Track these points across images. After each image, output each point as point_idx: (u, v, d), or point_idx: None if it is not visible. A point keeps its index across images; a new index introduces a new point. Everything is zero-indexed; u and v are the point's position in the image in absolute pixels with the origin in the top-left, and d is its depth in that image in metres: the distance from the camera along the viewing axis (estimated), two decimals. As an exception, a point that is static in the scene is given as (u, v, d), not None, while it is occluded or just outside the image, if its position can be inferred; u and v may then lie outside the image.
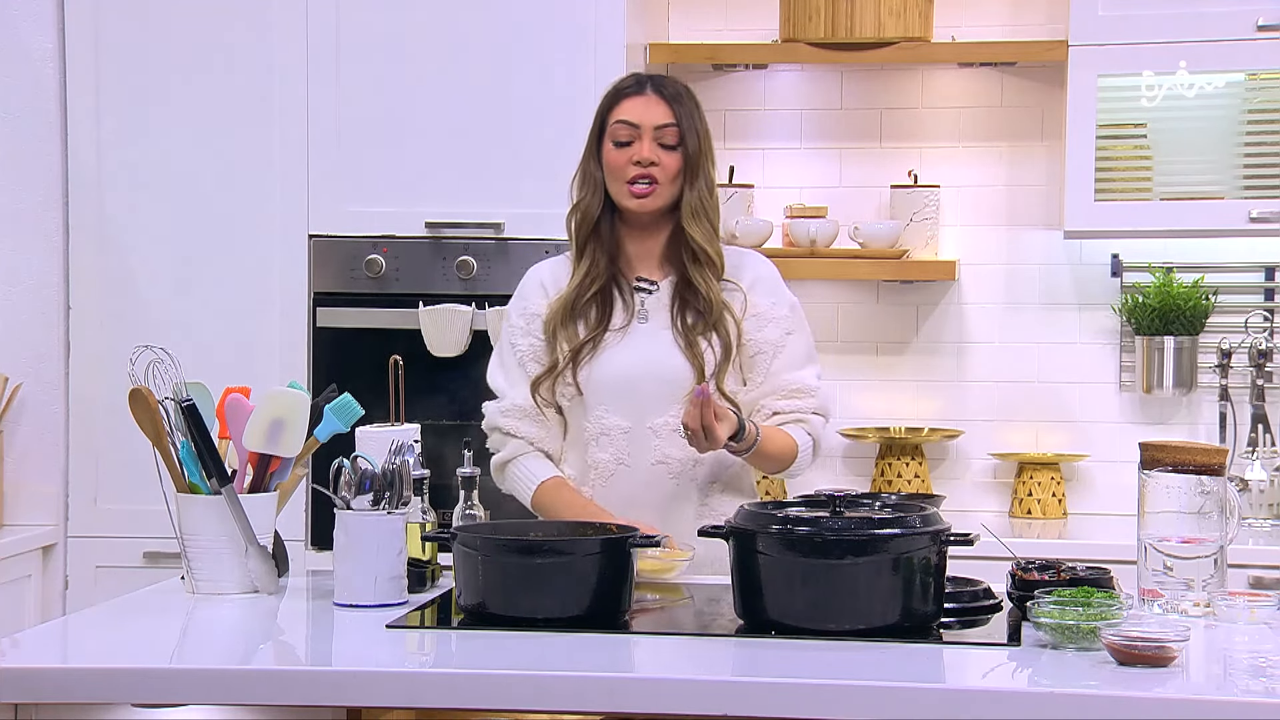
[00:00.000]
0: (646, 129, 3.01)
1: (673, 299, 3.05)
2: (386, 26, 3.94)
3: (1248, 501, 3.97)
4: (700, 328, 3.01)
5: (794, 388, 3.06)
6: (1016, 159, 4.24)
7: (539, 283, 3.10)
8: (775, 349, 3.05)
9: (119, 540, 3.97)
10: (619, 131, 3.02)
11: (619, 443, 3.00)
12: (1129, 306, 4.12)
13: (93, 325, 4.02)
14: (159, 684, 2.30)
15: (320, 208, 3.97)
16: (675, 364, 3.00)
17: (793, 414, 3.05)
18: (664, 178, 3.00)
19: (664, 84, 3.05)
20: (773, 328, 3.06)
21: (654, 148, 3.00)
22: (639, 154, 3.00)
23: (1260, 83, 3.96)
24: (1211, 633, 2.48)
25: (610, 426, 3.00)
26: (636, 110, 3.02)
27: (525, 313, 3.07)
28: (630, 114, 3.02)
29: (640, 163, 2.99)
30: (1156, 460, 2.62)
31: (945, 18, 4.15)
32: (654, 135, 3.00)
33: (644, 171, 2.99)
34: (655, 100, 3.02)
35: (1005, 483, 4.22)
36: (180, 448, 2.74)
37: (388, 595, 2.63)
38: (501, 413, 3.05)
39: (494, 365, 3.12)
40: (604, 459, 3.00)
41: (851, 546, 2.42)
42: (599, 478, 3.01)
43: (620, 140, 3.02)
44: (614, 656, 2.40)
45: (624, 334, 3.03)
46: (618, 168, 3.01)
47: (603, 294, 3.03)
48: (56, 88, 4.01)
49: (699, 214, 3.02)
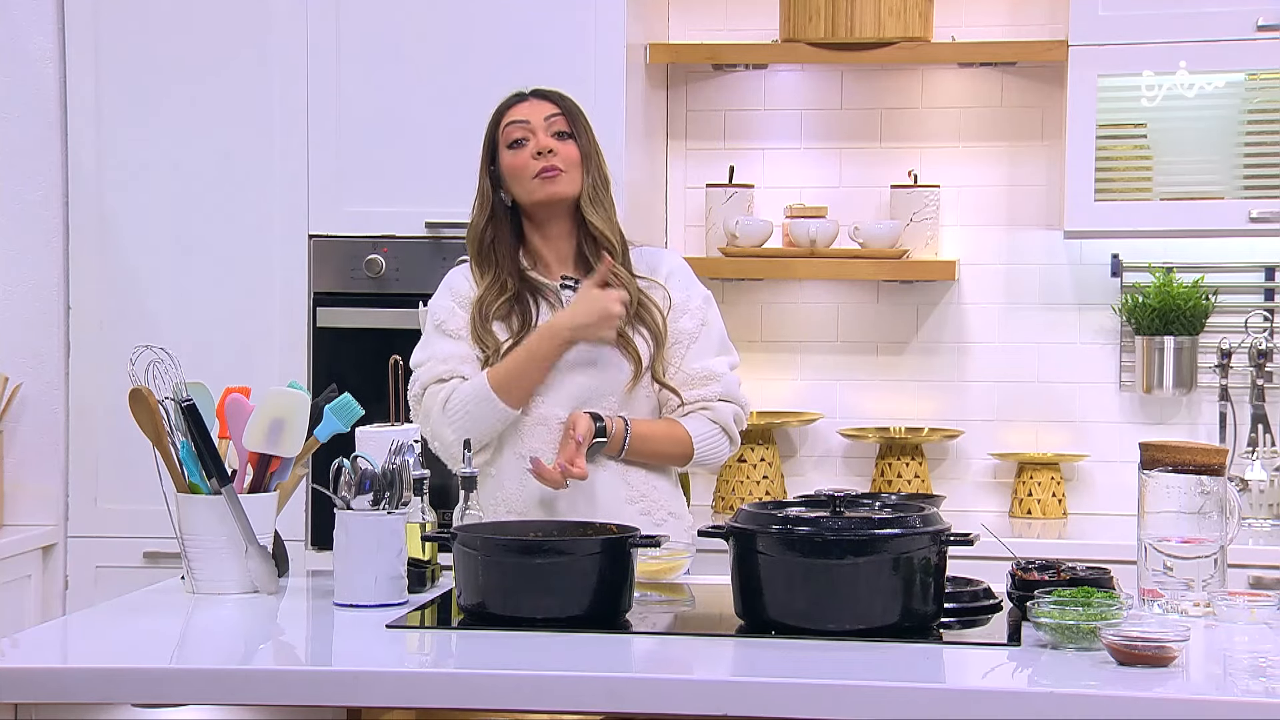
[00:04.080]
0: (537, 122, 3.10)
1: None
2: (386, 26, 3.94)
3: (1248, 501, 3.97)
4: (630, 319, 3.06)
5: (701, 375, 3.10)
6: (1016, 159, 4.24)
7: (463, 275, 3.14)
8: (690, 339, 3.11)
9: (119, 540, 3.97)
10: (512, 132, 3.10)
11: (556, 432, 3.03)
12: (1129, 306, 4.12)
13: (93, 325, 4.02)
14: (159, 684, 2.30)
15: (320, 208, 3.97)
16: (606, 353, 3.05)
17: (697, 403, 3.10)
18: (566, 164, 3.08)
19: (544, 90, 3.17)
20: (687, 319, 3.12)
21: (549, 138, 3.09)
22: (538, 145, 3.08)
23: (1260, 83, 3.96)
24: (1211, 633, 2.48)
25: (548, 416, 3.03)
26: (524, 111, 3.12)
27: (457, 297, 3.10)
28: (518, 114, 3.12)
29: (541, 153, 3.07)
30: (1156, 460, 2.62)
31: (945, 18, 4.15)
32: (545, 127, 3.09)
33: (547, 162, 3.07)
34: (538, 101, 3.14)
35: (1005, 483, 4.22)
36: (180, 448, 2.74)
37: (388, 595, 2.63)
38: (442, 361, 3.05)
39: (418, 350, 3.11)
40: (539, 448, 3.02)
41: (851, 546, 2.42)
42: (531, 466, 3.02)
43: (515, 140, 3.10)
44: (614, 656, 2.40)
45: None
46: (519, 166, 3.09)
47: (518, 300, 3.08)
48: (56, 88, 4.01)
49: (596, 203, 3.11)
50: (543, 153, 3.07)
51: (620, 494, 3.05)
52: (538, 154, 3.07)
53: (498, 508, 3.03)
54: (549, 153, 3.06)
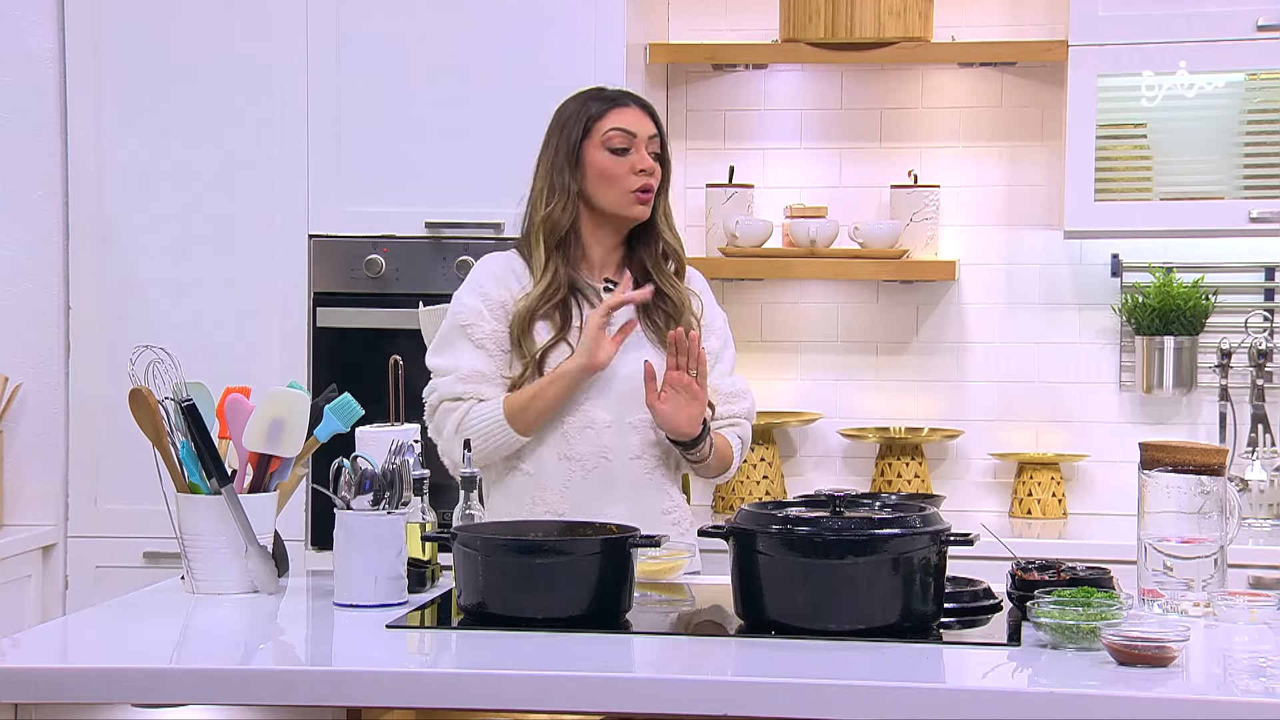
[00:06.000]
0: (642, 138, 3.08)
1: None
2: (386, 27, 3.94)
3: (1248, 501, 3.97)
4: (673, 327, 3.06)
5: (728, 391, 3.13)
6: (1016, 159, 4.24)
7: (496, 275, 3.10)
8: (715, 357, 3.14)
9: (119, 540, 3.97)
10: (615, 139, 3.06)
11: (604, 435, 3.02)
12: (1129, 306, 4.12)
13: (93, 325, 4.02)
14: (159, 684, 2.30)
15: (320, 208, 3.97)
16: (654, 361, 3.03)
17: (729, 419, 3.13)
18: (655, 186, 3.09)
19: (641, 99, 3.16)
20: (714, 338, 3.16)
21: (649, 157, 3.08)
22: (641, 163, 3.06)
23: (1260, 83, 3.96)
24: (1211, 633, 2.48)
25: (595, 419, 3.02)
26: (630, 120, 3.08)
27: (487, 299, 3.06)
28: (626, 123, 3.08)
29: (644, 170, 3.05)
30: (1156, 460, 2.62)
31: (945, 18, 4.15)
32: (647, 145, 3.08)
33: (647, 182, 3.06)
34: (642, 113, 3.11)
35: (1005, 483, 4.22)
36: (180, 448, 2.74)
37: (388, 595, 2.63)
38: (460, 380, 3.02)
39: (436, 350, 3.08)
40: (587, 451, 3.02)
41: (851, 546, 2.42)
42: (580, 469, 3.02)
43: (618, 148, 3.06)
44: (614, 656, 2.40)
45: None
46: (618, 176, 3.06)
47: (564, 300, 3.07)
48: (56, 88, 4.01)
49: (672, 224, 3.13)
50: (645, 171, 3.05)
51: (660, 504, 3.07)
52: (639, 170, 3.05)
53: (535, 508, 3.01)
54: (650, 173, 3.06)
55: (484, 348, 3.04)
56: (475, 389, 3.02)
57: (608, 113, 3.08)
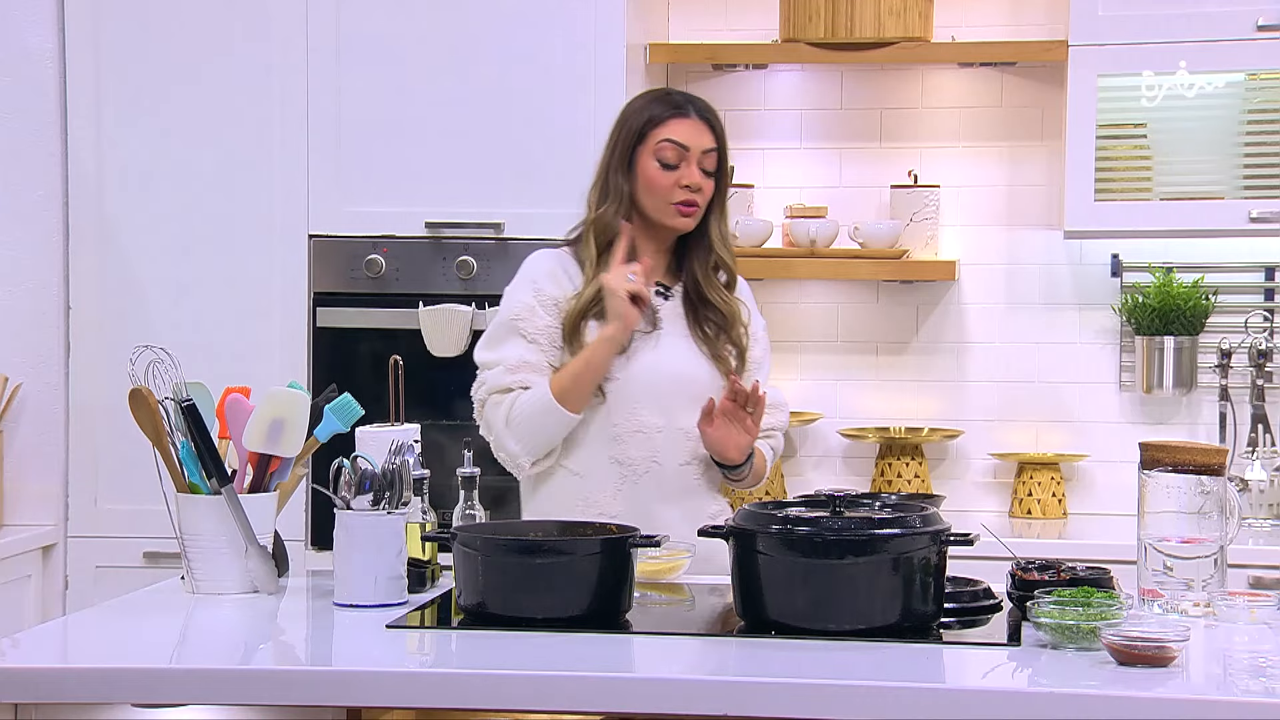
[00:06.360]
0: (694, 153, 3.05)
1: (684, 306, 3.12)
2: (386, 27, 3.94)
3: (1248, 501, 3.97)
4: (723, 340, 3.09)
5: (771, 402, 3.12)
6: (1016, 159, 4.24)
7: (548, 271, 3.09)
8: (757, 366, 3.15)
9: (119, 540, 3.97)
10: (666, 151, 3.05)
11: (654, 440, 3.03)
12: (1129, 306, 4.12)
13: (93, 325, 4.02)
14: (159, 684, 2.30)
15: (320, 208, 3.97)
16: (704, 371, 3.06)
17: (764, 431, 3.13)
18: (703, 201, 3.07)
19: (705, 108, 3.10)
20: (757, 346, 3.17)
21: (699, 172, 3.05)
22: (688, 178, 3.04)
23: (1260, 83, 3.96)
24: (1211, 633, 2.48)
25: (645, 424, 3.03)
26: (685, 132, 3.06)
27: (540, 295, 3.05)
28: (680, 135, 3.05)
29: (689, 186, 3.04)
30: (1156, 460, 2.62)
31: (945, 18, 4.15)
32: (700, 160, 3.05)
33: (691, 198, 3.05)
34: (701, 125, 3.07)
35: (1005, 483, 4.22)
36: (180, 448, 2.74)
37: (387, 595, 2.63)
38: (508, 370, 3.01)
39: (486, 345, 3.08)
40: (637, 456, 3.02)
41: (851, 546, 2.42)
42: (631, 473, 3.02)
43: (667, 161, 3.04)
44: (614, 656, 2.40)
45: (651, 338, 3.06)
46: (664, 188, 3.05)
47: None
48: (56, 88, 4.01)
49: (725, 237, 3.13)
50: (690, 186, 3.04)
51: (709, 508, 3.09)
52: (684, 185, 3.04)
53: (586, 509, 2.99)
54: (696, 190, 3.04)
55: (536, 342, 3.03)
56: (523, 378, 3.00)
57: (665, 121, 3.06)
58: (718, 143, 3.07)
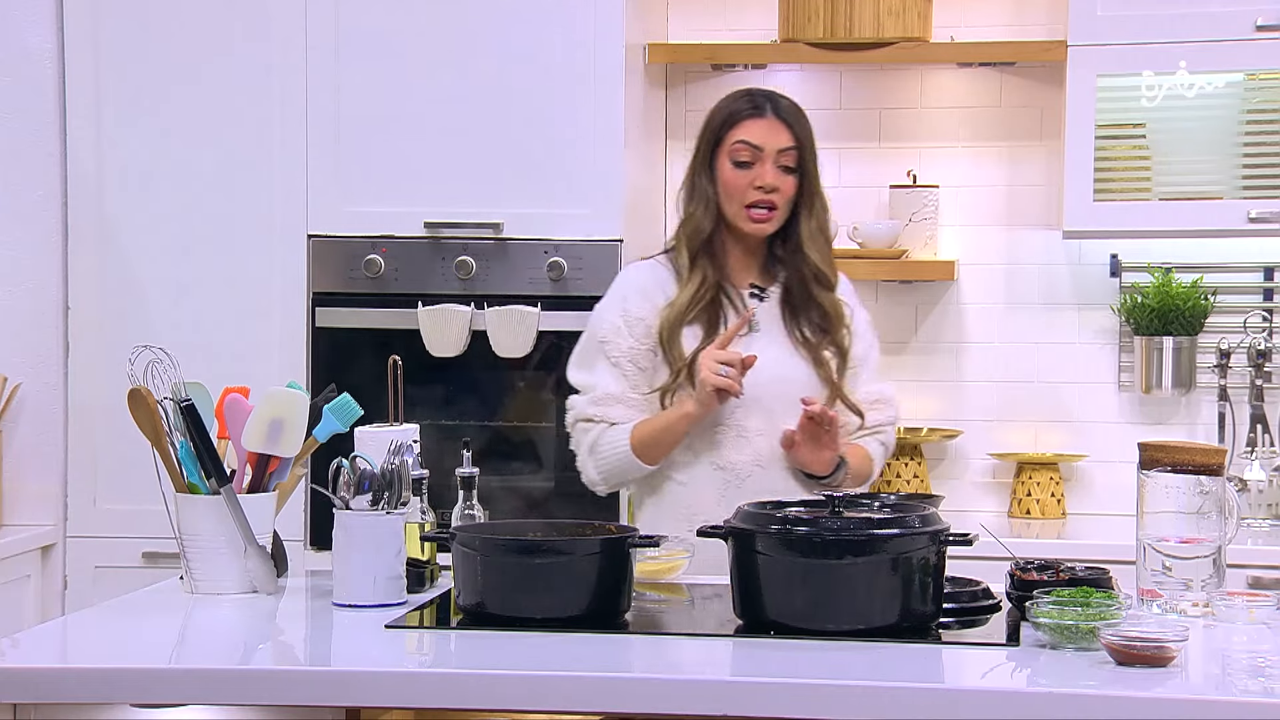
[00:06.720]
0: (769, 153, 3.01)
1: (782, 308, 3.08)
2: (385, 26, 3.94)
3: (1246, 501, 3.97)
4: (825, 341, 3.06)
5: (875, 398, 3.11)
6: (1016, 159, 4.24)
7: (640, 287, 3.08)
8: (861, 362, 3.11)
9: (118, 540, 3.97)
10: (739, 152, 3.02)
11: (756, 444, 3.01)
12: (1128, 306, 4.12)
13: (92, 325, 4.02)
14: (158, 684, 2.30)
15: (319, 208, 3.97)
16: (803, 374, 3.04)
17: (874, 427, 3.11)
18: (781, 202, 3.03)
19: (782, 105, 3.06)
20: (860, 342, 3.12)
21: (775, 172, 3.01)
22: (761, 178, 3.00)
23: (1259, 83, 3.96)
24: (1210, 633, 2.48)
25: (746, 429, 3.01)
26: (759, 132, 3.02)
27: (627, 315, 3.05)
28: (752, 135, 3.02)
29: (762, 187, 3.01)
30: (1155, 460, 2.62)
31: (944, 18, 4.15)
32: (775, 159, 3.02)
33: (764, 197, 3.01)
34: (777, 123, 3.03)
35: (1004, 483, 4.22)
36: (179, 448, 2.74)
37: (386, 595, 2.63)
38: (593, 402, 3.03)
39: (577, 363, 3.11)
40: (741, 460, 3.01)
41: (850, 546, 2.42)
42: (733, 479, 3.01)
43: (741, 161, 3.02)
44: (613, 656, 2.40)
45: (747, 341, 3.03)
46: (737, 190, 3.02)
47: (712, 303, 3.04)
48: (56, 88, 4.01)
49: (816, 236, 3.06)
50: (764, 187, 3.00)
51: None
52: (758, 186, 3.00)
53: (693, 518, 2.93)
54: (771, 190, 3.00)
55: (619, 366, 3.03)
56: (605, 411, 3.02)
57: (741, 121, 3.03)
58: (797, 141, 3.02)
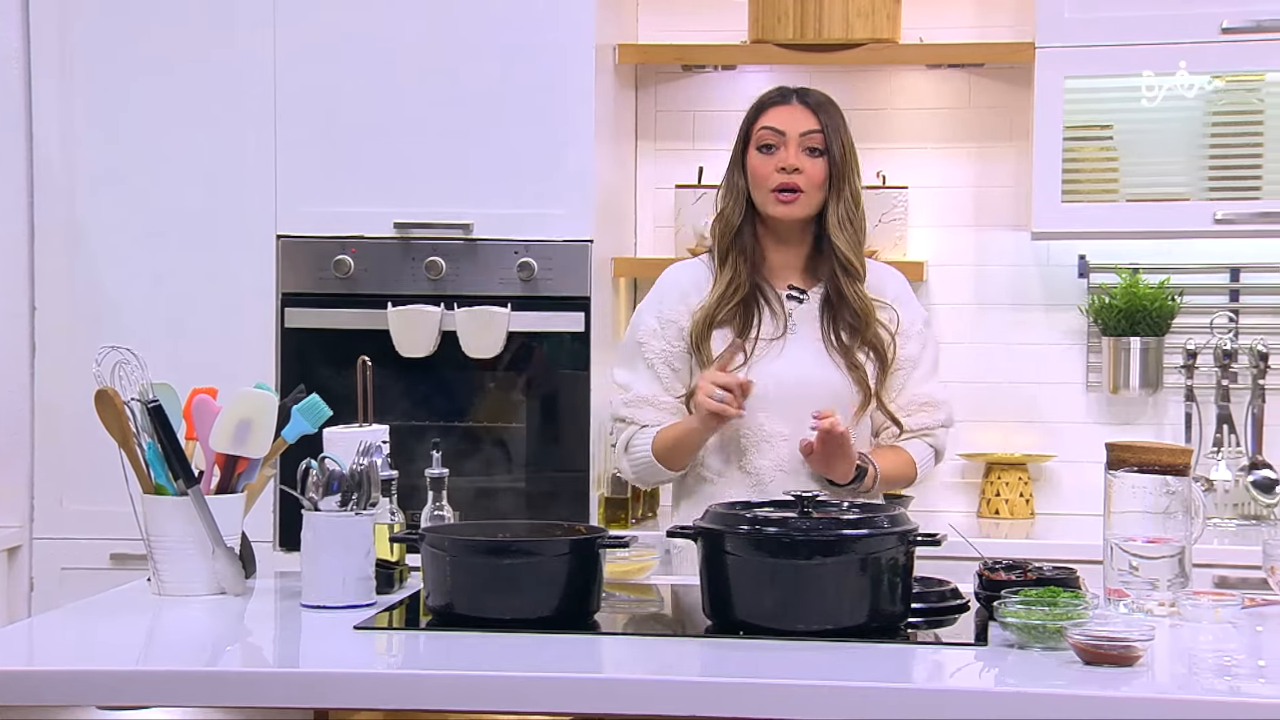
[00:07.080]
0: (792, 135, 3.03)
1: (821, 310, 3.07)
2: (355, 28, 3.93)
3: (1212, 501, 3.99)
4: (857, 343, 3.03)
5: (923, 401, 3.08)
6: (984, 160, 4.25)
7: (678, 288, 3.10)
8: (913, 364, 3.08)
9: (85, 542, 3.95)
10: (764, 136, 3.04)
11: (780, 450, 3.01)
12: (1096, 307, 4.14)
13: (59, 326, 4.00)
14: (125, 686, 2.29)
15: (288, 208, 3.96)
16: (834, 378, 3.02)
17: (920, 430, 3.08)
18: (809, 185, 3.02)
19: (808, 93, 3.09)
20: (913, 343, 3.10)
21: (799, 154, 3.02)
22: (784, 160, 3.01)
23: (1225, 85, 3.98)
24: (1176, 632, 2.50)
25: (772, 434, 3.01)
26: (782, 117, 3.05)
27: (661, 317, 3.07)
28: (775, 120, 3.04)
29: (785, 169, 3.01)
30: (1122, 460, 2.63)
31: (913, 19, 4.16)
32: (799, 142, 3.02)
33: (789, 180, 3.01)
34: (800, 108, 3.05)
35: (973, 483, 4.24)
36: (146, 449, 2.73)
37: (355, 596, 2.62)
38: (626, 404, 3.08)
39: (619, 361, 3.14)
40: (765, 465, 3.01)
41: (819, 547, 2.42)
42: (759, 482, 3.01)
43: (766, 144, 3.03)
44: (582, 657, 2.40)
45: (776, 344, 3.03)
46: (763, 175, 3.03)
47: (745, 303, 3.03)
48: (21, 87, 3.99)
49: (844, 224, 3.04)
50: (787, 169, 3.00)
51: None
52: (781, 169, 3.01)
53: None
54: (794, 171, 3.00)
55: (654, 368, 3.06)
56: (636, 413, 3.05)
57: (766, 110, 3.07)
58: (820, 124, 3.03)
